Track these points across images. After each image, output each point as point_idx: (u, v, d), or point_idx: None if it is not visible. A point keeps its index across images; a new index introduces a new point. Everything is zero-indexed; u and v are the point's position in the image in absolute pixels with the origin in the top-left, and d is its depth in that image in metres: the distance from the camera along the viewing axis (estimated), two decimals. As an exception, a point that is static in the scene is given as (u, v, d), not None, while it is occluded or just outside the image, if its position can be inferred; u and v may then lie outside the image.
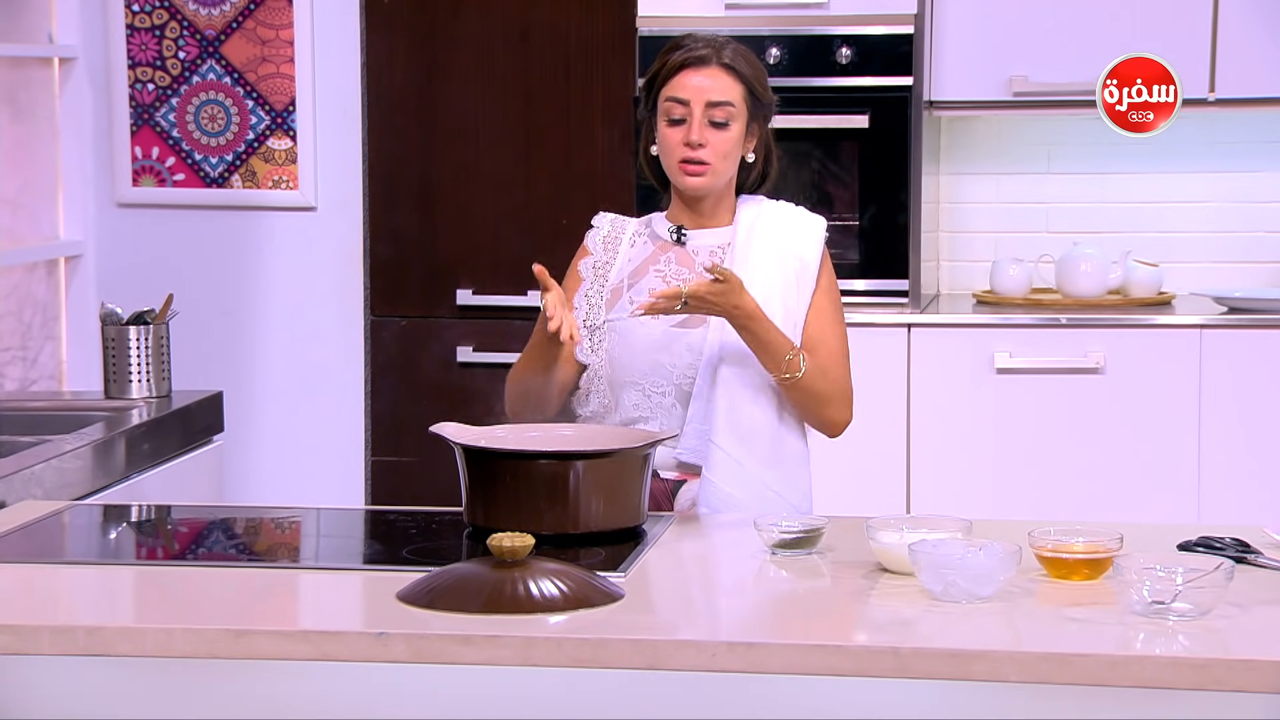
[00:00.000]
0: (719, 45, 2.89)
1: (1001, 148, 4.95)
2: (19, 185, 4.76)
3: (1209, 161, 4.88)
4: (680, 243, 2.94)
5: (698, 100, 2.85)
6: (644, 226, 2.99)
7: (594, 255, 2.97)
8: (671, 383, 2.87)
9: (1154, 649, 2.08)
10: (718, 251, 2.92)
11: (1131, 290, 4.70)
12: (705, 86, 2.85)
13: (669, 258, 2.93)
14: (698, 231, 2.94)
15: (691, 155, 2.85)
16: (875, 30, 4.53)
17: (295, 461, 4.91)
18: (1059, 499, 4.40)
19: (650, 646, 2.11)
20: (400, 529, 2.80)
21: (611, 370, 2.89)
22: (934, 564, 2.26)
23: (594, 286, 2.93)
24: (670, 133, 2.87)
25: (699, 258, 2.92)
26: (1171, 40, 4.52)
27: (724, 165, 2.88)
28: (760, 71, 2.92)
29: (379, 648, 2.13)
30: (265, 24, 4.86)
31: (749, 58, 2.91)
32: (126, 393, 3.68)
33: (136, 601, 2.42)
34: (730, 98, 2.86)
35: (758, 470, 2.84)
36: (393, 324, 4.88)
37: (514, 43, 4.78)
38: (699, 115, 2.85)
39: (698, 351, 2.86)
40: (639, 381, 2.87)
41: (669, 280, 2.89)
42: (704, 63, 2.86)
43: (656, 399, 2.86)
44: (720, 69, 2.86)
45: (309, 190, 4.88)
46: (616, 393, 2.89)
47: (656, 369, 2.86)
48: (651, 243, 2.96)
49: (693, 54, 2.87)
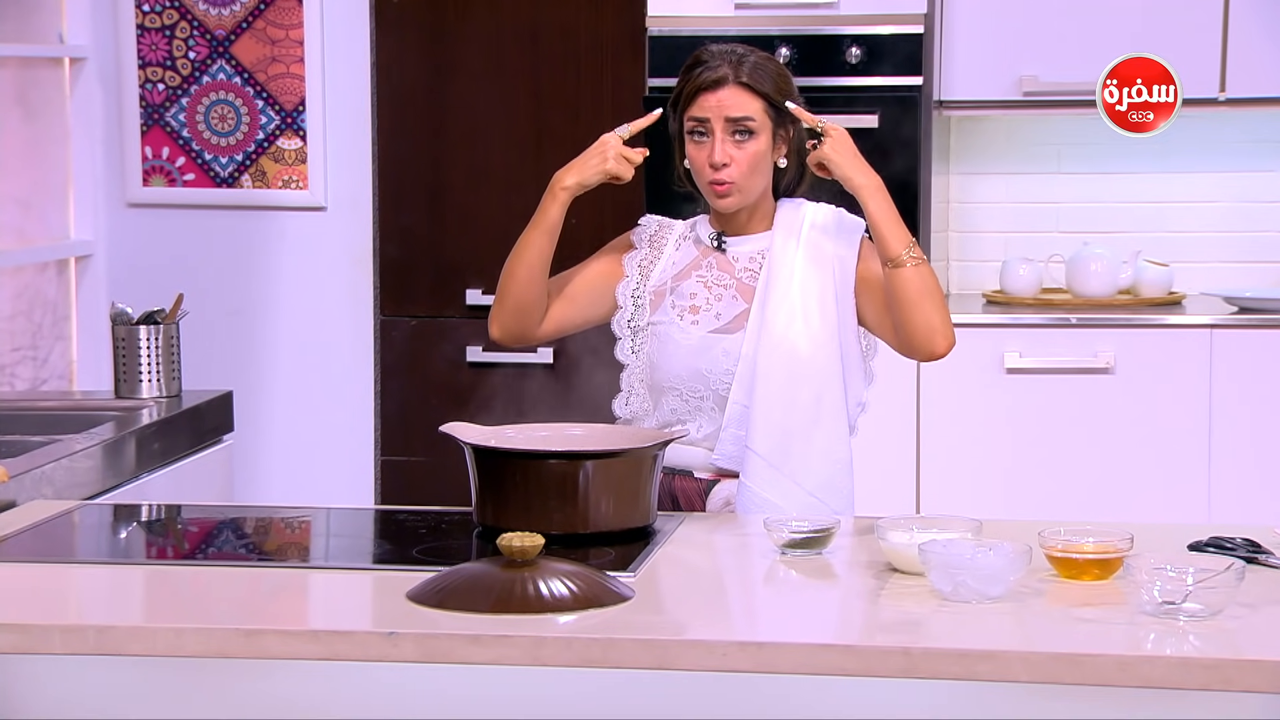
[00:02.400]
0: (736, 62, 2.87)
1: (1011, 147, 4.95)
2: (30, 185, 4.77)
3: (1219, 161, 4.87)
4: (721, 249, 2.94)
5: (717, 119, 2.85)
6: (689, 230, 3.00)
7: (639, 251, 2.96)
8: (709, 388, 2.87)
9: (1164, 649, 2.07)
10: (756, 258, 2.92)
11: (1142, 290, 4.69)
12: (724, 104, 2.85)
13: (710, 263, 2.94)
14: (737, 239, 2.94)
15: (716, 176, 2.86)
16: (885, 30, 4.52)
17: (305, 461, 4.92)
18: (1069, 499, 4.39)
19: (660, 646, 2.11)
20: (410, 529, 2.80)
21: (651, 374, 2.90)
22: (944, 564, 2.26)
23: (639, 285, 2.93)
24: (696, 153, 2.88)
25: (738, 264, 2.92)
26: (1182, 40, 4.51)
27: (750, 181, 2.88)
28: (781, 79, 2.90)
29: (389, 647, 2.13)
30: (275, 24, 4.87)
31: (767, 69, 2.89)
32: (137, 392, 3.68)
33: (147, 601, 2.42)
34: (749, 112, 2.86)
35: (796, 475, 2.83)
36: (402, 324, 4.88)
37: (524, 43, 4.78)
38: (719, 134, 2.85)
39: (735, 357, 2.86)
40: (677, 387, 2.88)
41: (710, 286, 2.91)
42: (720, 84, 2.86)
43: (694, 403, 2.87)
44: (736, 87, 2.86)
45: (319, 190, 4.89)
46: (655, 396, 2.90)
47: (695, 375, 2.87)
48: (695, 247, 2.97)
49: (709, 75, 2.86)
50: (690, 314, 2.90)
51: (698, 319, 2.89)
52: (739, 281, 2.91)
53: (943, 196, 4.86)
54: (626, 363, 2.93)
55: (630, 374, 2.93)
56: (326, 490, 4.84)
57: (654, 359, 2.90)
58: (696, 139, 2.87)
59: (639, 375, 2.92)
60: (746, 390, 2.84)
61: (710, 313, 2.90)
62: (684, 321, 2.89)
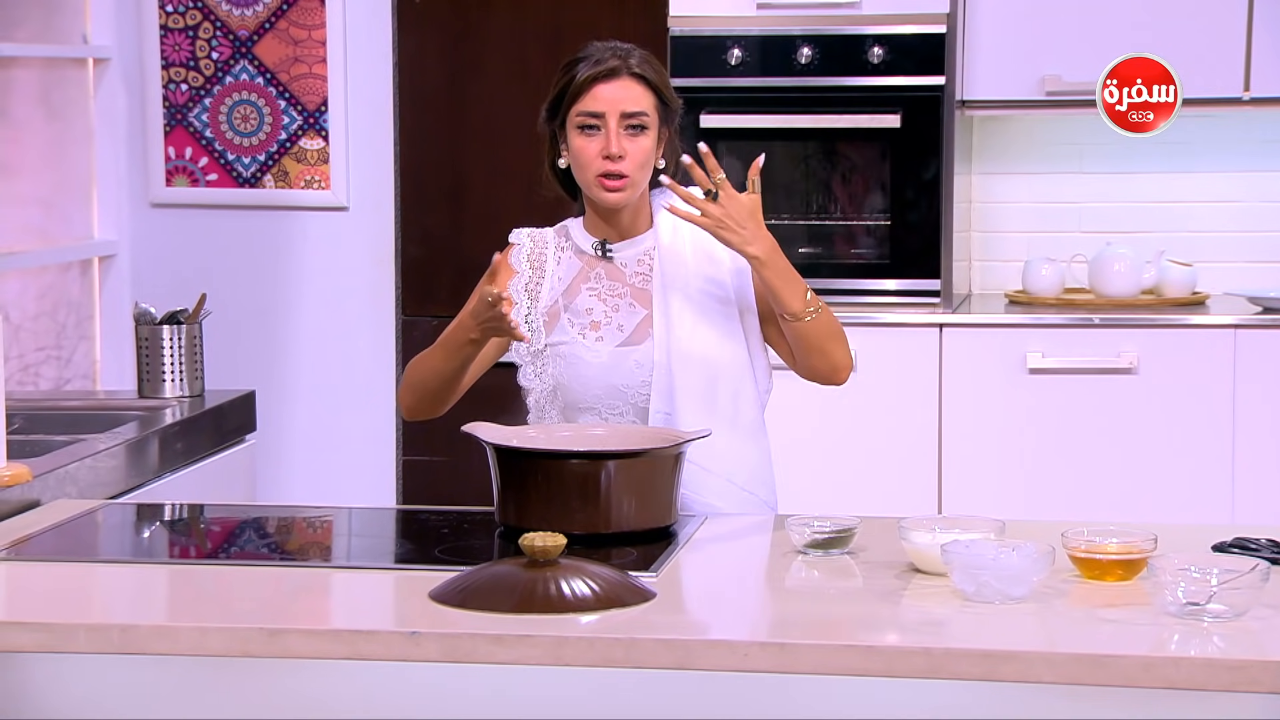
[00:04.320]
0: (625, 54, 2.84)
1: (1034, 147, 4.93)
2: (54, 185, 4.79)
3: (1243, 161, 4.85)
4: (607, 258, 2.89)
5: (613, 112, 2.80)
6: (563, 239, 2.93)
7: (522, 275, 2.89)
8: (627, 402, 2.82)
9: (1189, 650, 2.07)
10: (645, 260, 2.87)
11: (1165, 290, 4.68)
12: (619, 98, 2.81)
13: (599, 273, 2.88)
14: (622, 244, 2.89)
15: (612, 168, 2.80)
16: (907, 29, 4.52)
17: (327, 461, 4.93)
18: (1092, 500, 4.38)
19: (682, 646, 2.11)
20: (432, 528, 2.80)
21: (564, 395, 2.85)
22: (967, 564, 2.25)
23: (530, 309, 2.88)
24: (585, 145, 2.81)
25: (628, 269, 2.88)
26: (1206, 40, 4.50)
27: (641, 175, 2.83)
28: (666, 75, 2.88)
29: (411, 647, 2.14)
30: (297, 24, 4.88)
31: (655, 63, 2.86)
32: (160, 392, 3.69)
33: (170, 600, 2.43)
34: (644, 107, 2.82)
35: (728, 473, 2.82)
36: (424, 323, 4.89)
37: (545, 42, 4.78)
38: (614, 127, 2.80)
39: (648, 367, 2.82)
40: (594, 406, 2.83)
41: (604, 297, 2.86)
42: (615, 74, 2.81)
43: (615, 420, 2.83)
44: (631, 79, 2.82)
45: (341, 190, 4.90)
46: (572, 416, 2.85)
47: (610, 391, 2.82)
48: (577, 258, 2.90)
49: (603, 67, 2.81)
50: (591, 330, 2.84)
51: (601, 334, 2.84)
52: (633, 288, 2.87)
53: (965, 196, 4.85)
54: (531, 388, 2.88)
55: (539, 397, 2.87)
56: (348, 490, 4.85)
57: (561, 380, 2.84)
58: (587, 133, 2.82)
59: (547, 398, 2.87)
60: (666, 398, 2.81)
61: (611, 325, 2.85)
62: (587, 340, 2.84)
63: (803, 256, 4.59)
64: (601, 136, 2.81)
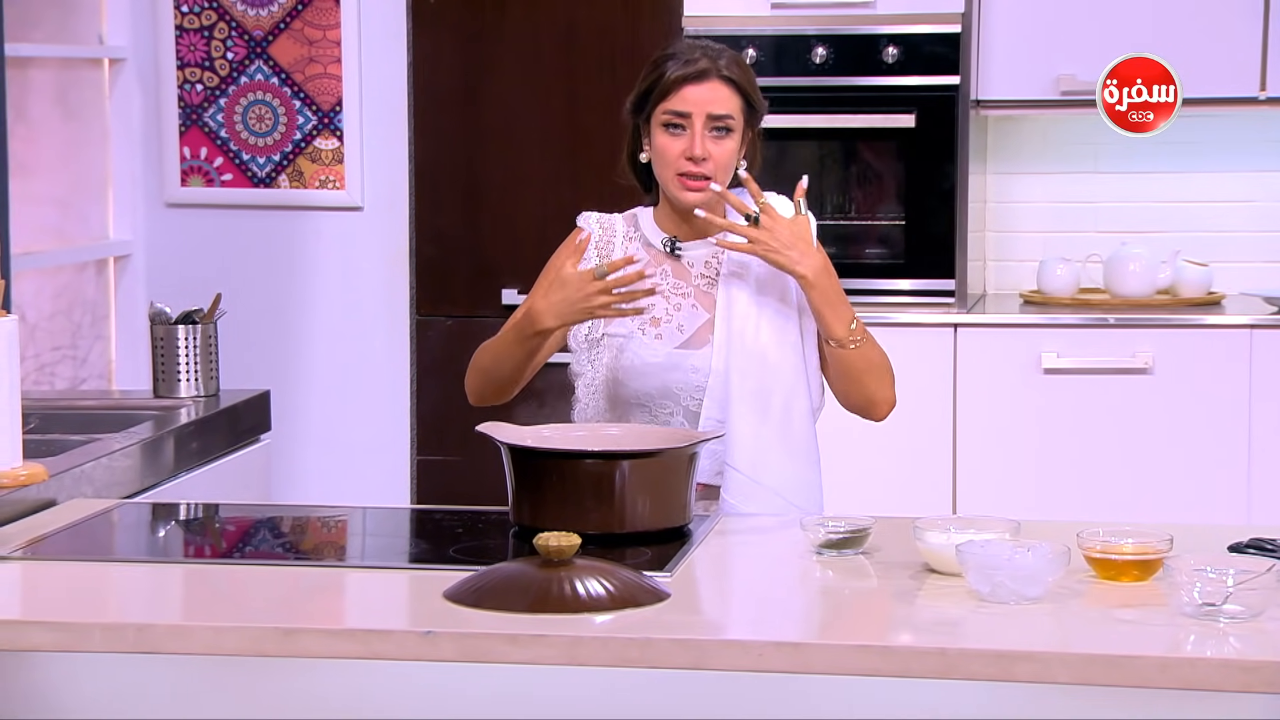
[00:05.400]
0: (715, 55, 2.83)
1: (1049, 147, 4.93)
2: (69, 185, 4.80)
3: (1259, 160, 4.84)
4: (675, 255, 2.89)
5: (699, 114, 2.80)
6: (633, 229, 2.92)
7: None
8: (679, 404, 2.82)
9: (1205, 651, 2.06)
10: (712, 263, 2.87)
11: (1180, 290, 4.67)
12: (707, 99, 2.80)
13: (664, 269, 2.87)
14: (691, 244, 2.88)
15: (694, 170, 2.80)
16: (922, 29, 4.51)
17: (342, 460, 4.93)
18: (1107, 500, 4.37)
19: (696, 646, 2.11)
20: (446, 528, 2.80)
21: (615, 388, 2.84)
22: (982, 564, 2.25)
23: None
24: (669, 143, 2.81)
25: (694, 269, 2.87)
26: (1222, 39, 4.49)
27: (723, 177, 2.83)
28: (753, 78, 2.87)
29: (426, 646, 2.14)
30: (312, 24, 4.88)
31: (744, 65, 2.86)
32: (175, 392, 3.70)
33: (185, 600, 2.43)
34: (730, 110, 2.81)
35: (774, 486, 2.81)
36: (438, 324, 4.89)
37: (560, 43, 4.78)
38: (700, 129, 2.80)
39: (704, 372, 2.81)
40: (645, 404, 2.83)
41: (668, 295, 2.85)
42: (704, 76, 2.80)
43: (664, 419, 2.82)
44: (720, 81, 2.81)
45: (355, 190, 4.90)
46: (619, 409, 2.84)
47: (664, 392, 2.82)
48: (645, 250, 2.89)
49: (693, 68, 2.80)
50: (651, 327, 2.83)
51: (660, 332, 2.83)
52: (697, 289, 2.86)
53: (980, 196, 4.84)
54: (583, 373, 2.87)
55: (589, 384, 2.87)
56: (363, 489, 4.85)
57: (615, 373, 2.84)
58: (672, 132, 2.81)
59: (598, 387, 2.86)
60: (719, 405, 2.80)
61: (672, 325, 2.85)
62: (646, 336, 2.83)
63: (817, 256, 4.59)
64: (686, 136, 2.80)
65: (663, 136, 2.82)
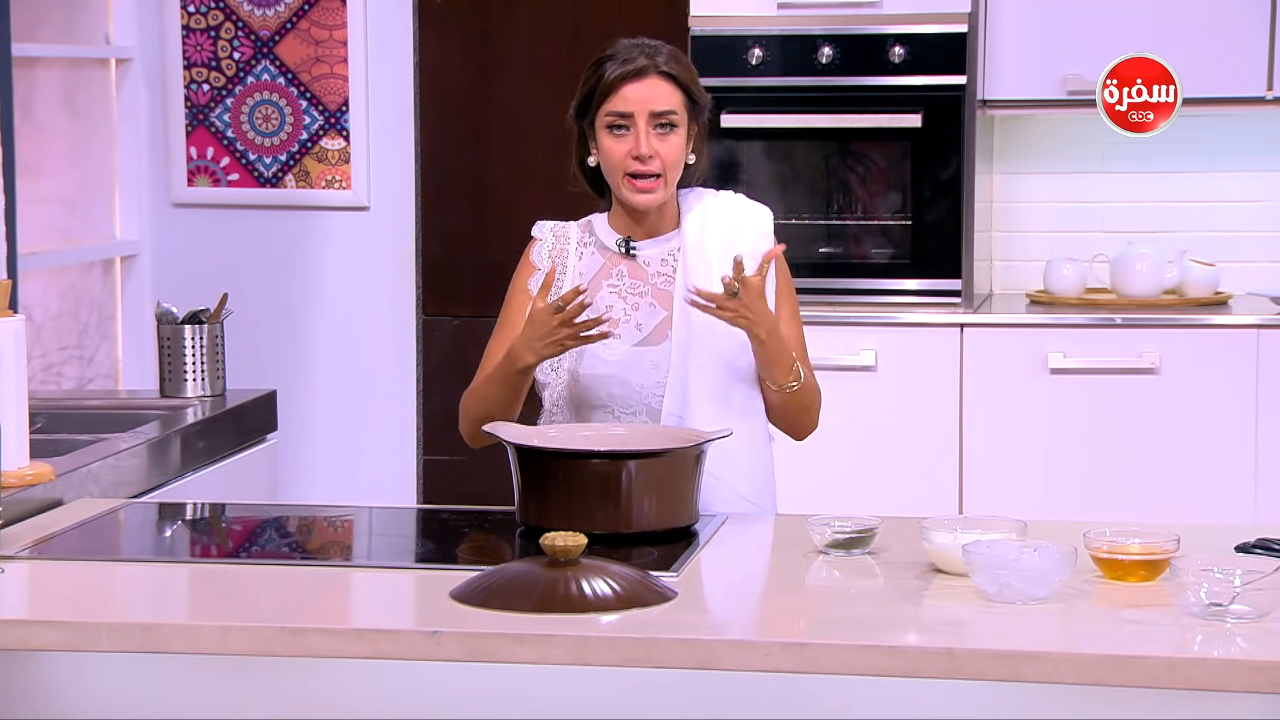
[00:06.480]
0: (653, 52, 2.82)
1: (1055, 146, 4.92)
2: (76, 185, 4.80)
3: (1266, 160, 4.83)
4: (630, 255, 2.88)
5: (641, 112, 2.78)
6: (587, 234, 2.91)
7: (542, 270, 2.87)
8: (641, 401, 2.81)
9: (1212, 651, 2.06)
10: (669, 260, 2.86)
11: (1187, 290, 4.66)
12: (647, 97, 2.79)
13: (620, 270, 2.87)
14: (646, 242, 2.87)
15: (641, 169, 2.79)
16: (929, 29, 4.51)
17: (348, 460, 4.94)
18: (1114, 500, 4.37)
19: (703, 646, 2.11)
20: (453, 528, 2.80)
21: (578, 392, 2.83)
22: (988, 565, 2.25)
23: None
24: (614, 145, 2.80)
25: (650, 268, 2.87)
26: (1229, 39, 4.49)
27: (672, 174, 2.82)
28: (694, 72, 2.86)
29: (432, 646, 2.14)
30: (319, 24, 4.88)
31: (683, 60, 2.85)
32: (181, 391, 3.70)
33: (191, 599, 2.43)
34: (673, 105, 2.80)
35: (733, 483, 2.81)
36: (445, 323, 4.89)
37: (565, 42, 4.78)
38: (644, 127, 2.78)
39: (664, 368, 2.81)
40: (607, 404, 2.82)
41: (625, 295, 2.85)
42: (643, 74, 2.79)
43: (627, 418, 2.81)
44: (659, 77, 2.80)
45: (362, 190, 4.90)
46: (583, 413, 2.83)
47: (625, 391, 2.81)
48: (600, 254, 2.88)
49: (631, 66, 2.79)
50: (610, 328, 2.81)
51: (619, 332, 2.83)
52: (654, 287, 2.86)
53: (986, 196, 4.84)
54: (548, 383, 2.86)
55: (554, 394, 2.85)
56: (369, 489, 4.86)
57: (578, 376, 2.82)
58: (616, 133, 2.80)
59: (562, 394, 2.85)
60: (679, 400, 2.80)
61: (630, 324, 2.84)
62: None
63: (823, 256, 4.59)
64: (631, 136, 2.80)
65: (607, 138, 2.81)
